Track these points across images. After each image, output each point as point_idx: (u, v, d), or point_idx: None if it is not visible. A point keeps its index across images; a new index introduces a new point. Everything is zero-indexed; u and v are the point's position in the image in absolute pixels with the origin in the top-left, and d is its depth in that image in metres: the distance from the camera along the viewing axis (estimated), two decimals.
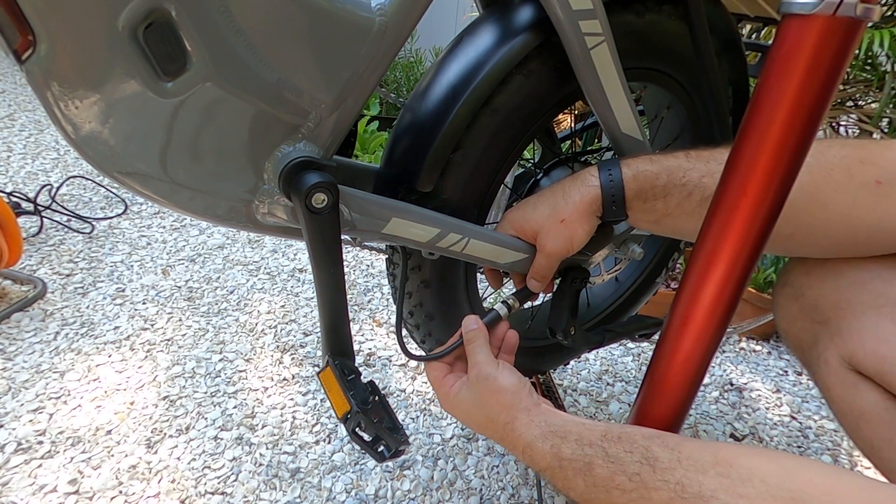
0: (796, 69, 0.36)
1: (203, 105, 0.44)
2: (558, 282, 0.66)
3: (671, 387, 0.47)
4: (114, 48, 0.39)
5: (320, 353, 0.72)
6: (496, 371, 0.52)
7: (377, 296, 1.37)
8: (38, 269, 1.27)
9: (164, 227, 1.55)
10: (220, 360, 1.06)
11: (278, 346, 1.13)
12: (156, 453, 0.85)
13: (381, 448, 0.53)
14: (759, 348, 1.36)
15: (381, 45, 0.47)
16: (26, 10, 0.36)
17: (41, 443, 0.84)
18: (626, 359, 1.24)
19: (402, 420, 0.98)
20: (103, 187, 1.71)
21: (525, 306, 0.67)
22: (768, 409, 1.15)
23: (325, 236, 0.49)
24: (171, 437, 0.88)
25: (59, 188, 1.63)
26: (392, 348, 1.17)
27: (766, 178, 0.39)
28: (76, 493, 0.77)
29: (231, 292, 1.29)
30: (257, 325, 1.19)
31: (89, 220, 1.50)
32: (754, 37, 1.36)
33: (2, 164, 1.79)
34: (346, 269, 0.88)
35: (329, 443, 0.91)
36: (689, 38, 0.63)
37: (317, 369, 0.88)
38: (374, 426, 0.52)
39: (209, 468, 0.84)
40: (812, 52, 0.35)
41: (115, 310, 1.17)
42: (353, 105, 0.49)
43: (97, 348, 1.05)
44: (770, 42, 0.39)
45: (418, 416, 0.99)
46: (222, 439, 0.89)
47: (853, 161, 0.46)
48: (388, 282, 0.80)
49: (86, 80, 0.40)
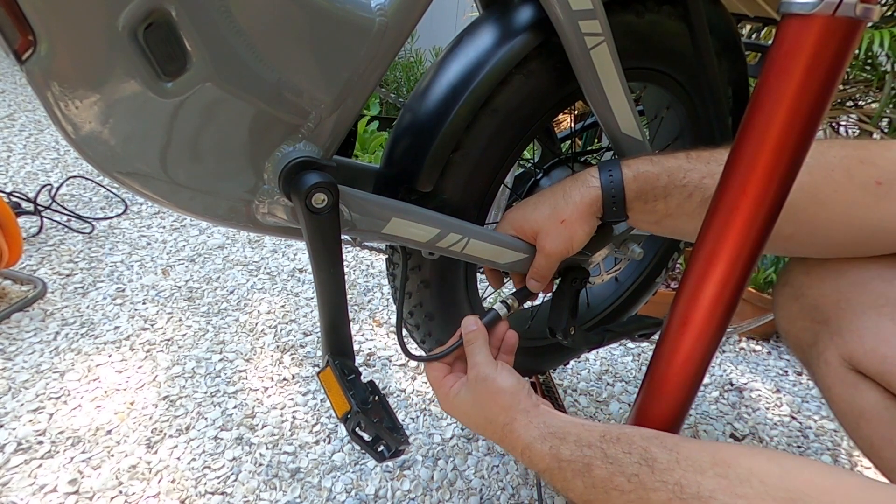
0: (796, 69, 0.36)
1: (203, 105, 0.44)
2: (558, 282, 0.66)
3: (671, 387, 0.47)
4: (114, 48, 0.39)
5: (320, 353, 0.72)
6: (495, 372, 0.52)
7: (377, 296, 1.37)
8: (38, 269, 1.27)
9: (164, 227, 1.55)
10: (220, 360, 1.06)
11: (278, 346, 1.13)
12: (156, 453, 0.85)
13: (381, 448, 0.53)
14: (759, 348, 1.36)
15: (381, 45, 0.47)
16: (26, 10, 0.36)
17: (41, 443, 0.84)
18: (626, 359, 1.24)
19: (402, 420, 0.98)
20: (103, 187, 1.71)
21: (525, 306, 0.67)
22: (768, 409, 1.15)
23: (325, 236, 0.49)
24: (171, 437, 0.88)
25: (59, 188, 1.63)
26: (392, 348, 1.17)
27: (766, 178, 0.39)
28: (76, 493, 0.77)
29: (231, 292, 1.29)
30: (257, 325, 1.19)
31: (89, 220, 1.50)
32: (754, 37, 1.36)
33: (2, 164, 1.79)
34: (346, 269, 0.88)
35: (329, 443, 0.91)
36: (688, 38, 0.63)
37: (317, 369, 0.88)
38: (374, 426, 0.52)
39: (209, 468, 0.84)
40: (812, 52, 0.35)
41: (115, 310, 1.17)
42: (353, 105, 0.49)
43: (97, 348, 1.05)
44: (770, 42, 0.39)
45: (418, 416, 0.99)
46: (222, 439, 0.89)
47: (853, 161, 0.46)
48: (388, 282, 0.80)
49: (86, 80, 0.40)
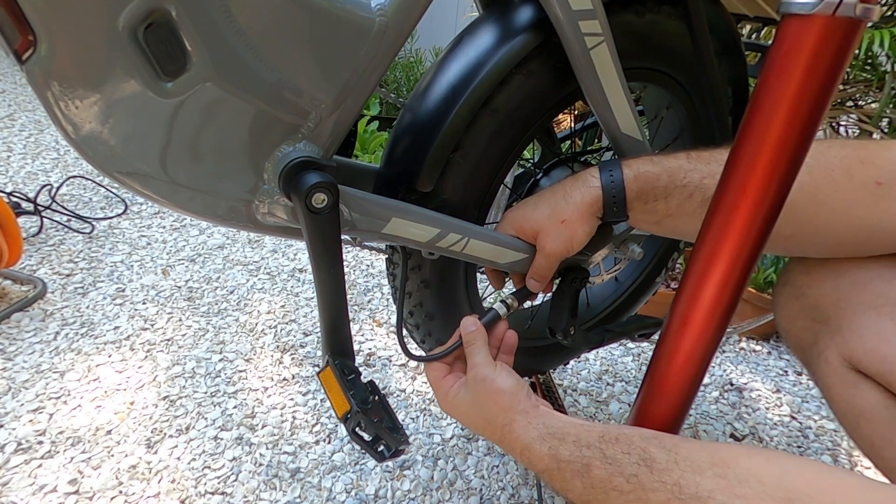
0: (796, 69, 0.36)
1: (203, 105, 0.44)
2: (558, 282, 0.66)
3: (671, 387, 0.47)
4: (114, 48, 0.39)
5: (320, 353, 0.72)
6: (494, 373, 0.52)
7: (377, 296, 1.37)
8: (38, 269, 1.27)
9: (164, 227, 1.55)
10: (220, 360, 1.06)
11: (278, 346, 1.13)
12: (156, 453, 0.85)
13: (381, 448, 0.53)
14: (759, 348, 1.36)
15: (381, 45, 0.47)
16: (26, 10, 0.36)
17: (41, 443, 0.84)
18: (626, 359, 1.24)
19: (402, 420, 0.98)
20: (103, 187, 1.71)
21: (524, 306, 0.67)
22: (768, 409, 1.15)
23: (325, 236, 0.49)
24: (171, 437, 0.88)
25: (59, 188, 1.63)
26: (392, 348, 1.17)
27: (766, 178, 0.39)
28: (76, 493, 0.77)
29: (231, 292, 1.29)
30: (257, 325, 1.19)
31: (89, 220, 1.50)
32: (754, 37, 1.36)
33: (2, 164, 1.79)
34: (346, 269, 0.88)
35: (329, 443, 0.91)
36: (688, 38, 0.63)
37: (317, 369, 0.88)
38: (374, 426, 0.52)
39: (209, 468, 0.84)
40: (812, 52, 0.35)
41: (115, 310, 1.17)
42: (353, 105, 0.49)
43: (97, 348, 1.05)
44: (770, 42, 0.39)
45: (418, 416, 0.99)
46: (222, 439, 0.89)
47: (853, 161, 0.46)
48: (388, 282, 0.80)
49: (86, 80, 0.40)
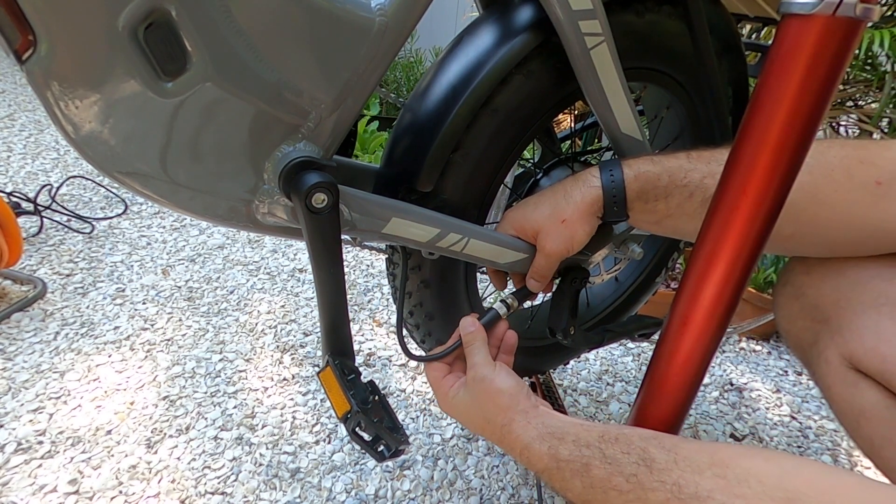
0: (796, 69, 0.36)
1: (203, 105, 0.44)
2: (558, 282, 0.66)
3: (671, 387, 0.47)
4: (114, 48, 0.39)
5: (320, 353, 0.72)
6: (493, 373, 0.52)
7: (377, 296, 1.37)
8: (38, 269, 1.27)
9: (164, 227, 1.55)
10: (220, 360, 1.06)
11: (278, 346, 1.13)
12: (156, 453, 0.85)
13: (381, 448, 0.53)
14: (759, 348, 1.36)
15: (381, 45, 0.47)
16: (26, 10, 0.36)
17: (41, 443, 0.84)
18: (626, 359, 1.24)
19: (402, 420, 0.98)
20: (103, 187, 1.71)
21: (524, 306, 0.67)
22: (768, 409, 1.15)
23: (325, 236, 0.49)
24: (171, 437, 0.88)
25: (59, 188, 1.63)
26: (392, 348, 1.17)
27: (766, 178, 0.39)
28: (76, 493, 0.77)
29: (231, 292, 1.29)
30: (257, 325, 1.19)
31: (89, 220, 1.50)
32: (754, 37, 1.36)
33: (2, 164, 1.79)
34: (346, 269, 0.88)
35: (329, 443, 0.91)
36: (688, 38, 0.63)
37: (317, 369, 0.88)
38: (374, 426, 0.52)
39: (209, 468, 0.84)
40: (812, 52, 0.35)
41: (115, 310, 1.17)
42: (353, 105, 0.49)
43: (97, 348, 1.05)
44: (770, 42, 0.39)
45: (418, 416, 0.99)
46: (222, 439, 0.89)
47: (853, 161, 0.46)
48: (388, 282, 0.80)
49: (86, 80, 0.40)
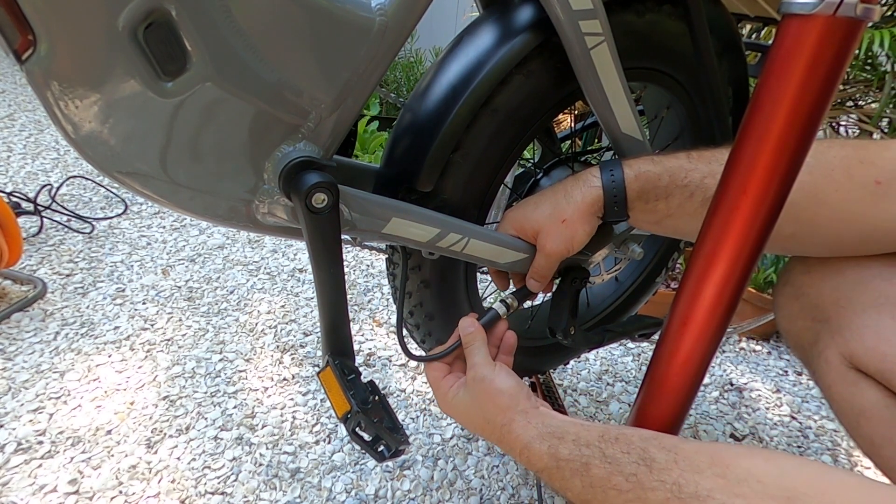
0: (796, 69, 0.36)
1: (203, 105, 0.44)
2: (558, 282, 0.66)
3: (671, 387, 0.47)
4: (114, 48, 0.39)
5: (320, 353, 0.72)
6: (493, 373, 0.52)
7: (377, 296, 1.37)
8: (38, 269, 1.27)
9: (164, 227, 1.55)
10: (220, 360, 1.06)
11: (278, 346, 1.13)
12: (156, 453, 0.85)
13: (381, 448, 0.53)
14: (759, 348, 1.36)
15: (381, 45, 0.47)
16: (26, 10, 0.36)
17: (41, 443, 0.84)
18: (626, 359, 1.24)
19: (402, 420, 0.98)
20: (103, 187, 1.71)
21: (524, 306, 0.67)
22: (768, 409, 1.15)
23: (325, 236, 0.49)
24: (171, 437, 0.88)
25: (59, 188, 1.63)
26: (392, 348, 1.17)
27: (767, 177, 0.39)
28: (76, 493, 0.77)
29: (231, 292, 1.29)
30: (257, 325, 1.19)
31: (89, 220, 1.50)
32: (754, 37, 1.36)
33: (2, 164, 1.79)
34: (346, 269, 0.88)
35: (329, 443, 0.91)
36: (689, 38, 0.63)
37: (317, 369, 0.88)
38: (374, 426, 0.52)
39: (209, 468, 0.84)
40: (812, 52, 0.35)
41: (115, 310, 1.17)
42: (353, 105, 0.49)
43: (97, 348, 1.05)
44: (770, 42, 0.39)
45: (418, 416, 0.99)
46: (222, 439, 0.89)
47: (853, 161, 0.46)
48: (388, 282, 0.80)
49: (86, 80, 0.40)
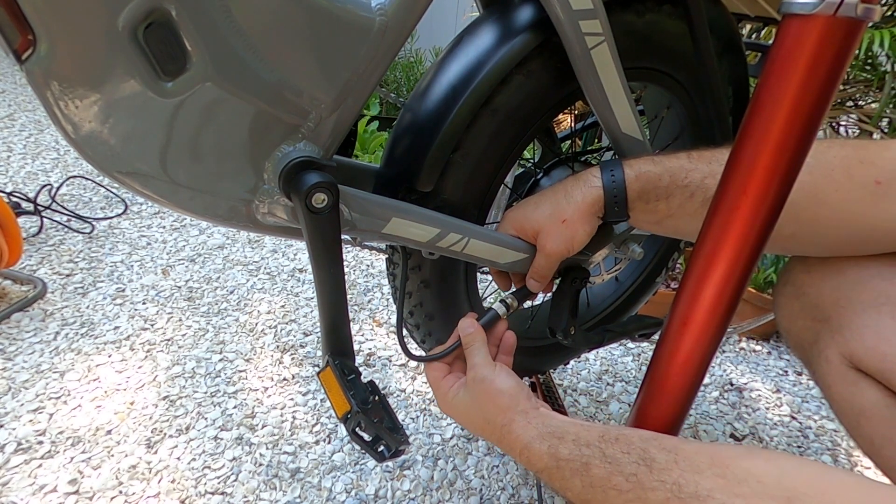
0: (796, 69, 0.36)
1: (203, 105, 0.44)
2: (558, 282, 0.66)
3: (671, 387, 0.47)
4: (114, 48, 0.39)
5: (320, 353, 0.72)
6: (493, 374, 0.53)
7: (377, 296, 1.37)
8: (38, 269, 1.27)
9: (164, 227, 1.55)
10: (220, 360, 1.06)
11: (278, 346, 1.13)
12: (156, 453, 0.85)
13: (381, 448, 0.53)
14: (759, 348, 1.36)
15: (381, 45, 0.47)
16: (26, 10, 0.36)
17: (41, 443, 0.84)
18: (626, 359, 1.24)
19: (402, 420, 0.98)
20: (103, 187, 1.71)
21: (524, 306, 0.67)
22: (768, 409, 1.15)
23: (325, 236, 0.49)
24: (171, 437, 0.88)
25: (59, 188, 1.63)
26: (392, 348, 1.17)
27: (767, 178, 0.39)
28: (76, 493, 0.77)
29: (231, 292, 1.29)
30: (257, 325, 1.19)
31: (89, 220, 1.50)
32: (754, 37, 1.36)
33: (2, 164, 1.79)
34: (346, 269, 0.88)
35: (329, 443, 0.91)
36: (689, 38, 0.63)
37: (317, 369, 0.88)
38: (374, 426, 0.52)
39: (209, 468, 0.84)
40: (812, 52, 0.35)
41: (115, 310, 1.17)
42: (353, 105, 0.49)
43: (97, 348, 1.05)
44: (770, 42, 0.39)
45: (418, 416, 0.99)
46: (222, 439, 0.89)
47: (853, 161, 0.46)
48: (388, 282, 0.80)
49: (86, 80, 0.40)
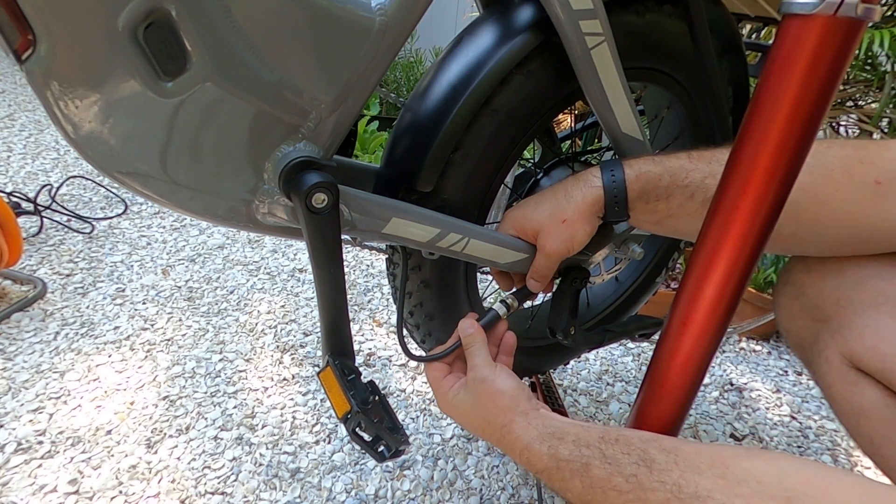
0: (796, 69, 0.36)
1: (203, 105, 0.44)
2: (558, 282, 0.66)
3: (671, 387, 0.47)
4: (114, 48, 0.39)
5: (320, 353, 0.72)
6: (494, 374, 0.52)
7: (377, 296, 1.37)
8: (38, 269, 1.27)
9: (164, 227, 1.55)
10: (220, 360, 1.06)
11: (278, 346, 1.13)
12: (156, 453, 0.85)
13: (381, 448, 0.53)
14: (759, 348, 1.36)
15: (381, 45, 0.47)
16: (26, 10, 0.36)
17: (41, 443, 0.84)
18: (626, 359, 1.24)
19: (402, 420, 0.98)
20: (103, 187, 1.71)
21: (525, 306, 0.67)
22: (768, 409, 1.15)
23: (325, 236, 0.49)
24: (171, 437, 0.88)
25: (59, 188, 1.63)
26: (392, 348, 1.17)
27: (767, 178, 0.39)
28: (76, 493, 0.77)
29: (231, 292, 1.29)
30: (257, 325, 1.19)
31: (89, 220, 1.50)
32: (754, 37, 1.36)
33: (2, 164, 1.79)
34: (346, 269, 0.88)
35: (329, 443, 0.91)
36: (689, 38, 0.63)
37: (317, 369, 0.88)
38: (375, 426, 0.52)
39: (209, 468, 0.84)
40: (812, 52, 0.35)
41: (115, 310, 1.17)
42: (353, 105, 0.49)
43: (97, 348, 1.05)
44: (770, 42, 0.39)
45: (418, 416, 0.99)
46: (222, 439, 0.89)
47: (853, 161, 0.46)
48: (388, 282, 0.80)
49: (86, 80, 0.40)
